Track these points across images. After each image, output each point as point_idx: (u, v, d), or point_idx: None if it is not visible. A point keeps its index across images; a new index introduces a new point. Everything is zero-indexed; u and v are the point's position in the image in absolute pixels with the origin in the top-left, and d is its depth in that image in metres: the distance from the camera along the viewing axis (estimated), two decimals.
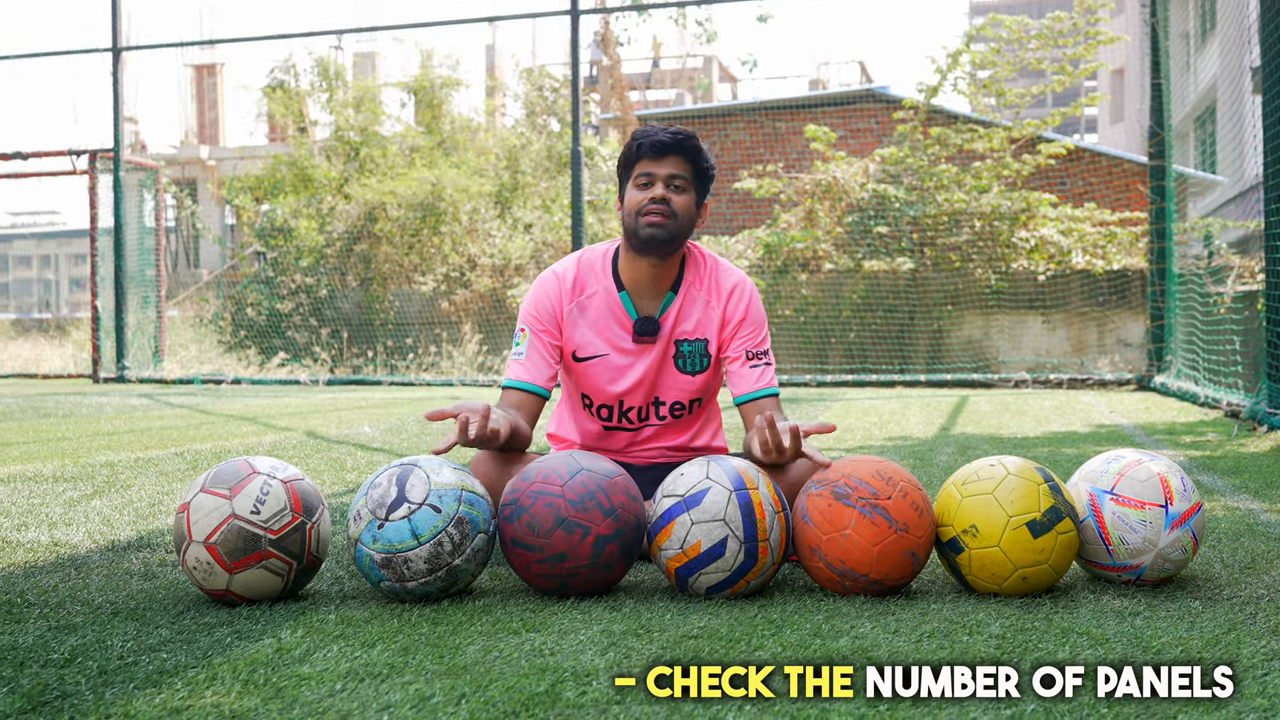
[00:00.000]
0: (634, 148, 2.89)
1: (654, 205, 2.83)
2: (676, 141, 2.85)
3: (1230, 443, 5.58)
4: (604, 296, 2.96)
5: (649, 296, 2.94)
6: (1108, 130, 32.88)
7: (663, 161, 2.85)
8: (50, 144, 19.18)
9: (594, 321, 2.95)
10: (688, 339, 2.94)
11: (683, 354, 2.94)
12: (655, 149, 2.85)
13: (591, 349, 2.95)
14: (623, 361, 2.94)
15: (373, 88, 19.64)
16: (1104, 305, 12.71)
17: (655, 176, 2.86)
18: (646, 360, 2.93)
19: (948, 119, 14.21)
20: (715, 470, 2.37)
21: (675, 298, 2.95)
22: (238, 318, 16.23)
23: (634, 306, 2.94)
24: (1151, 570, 2.39)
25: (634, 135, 2.93)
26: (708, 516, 2.31)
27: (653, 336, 2.92)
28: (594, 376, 2.95)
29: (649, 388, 2.95)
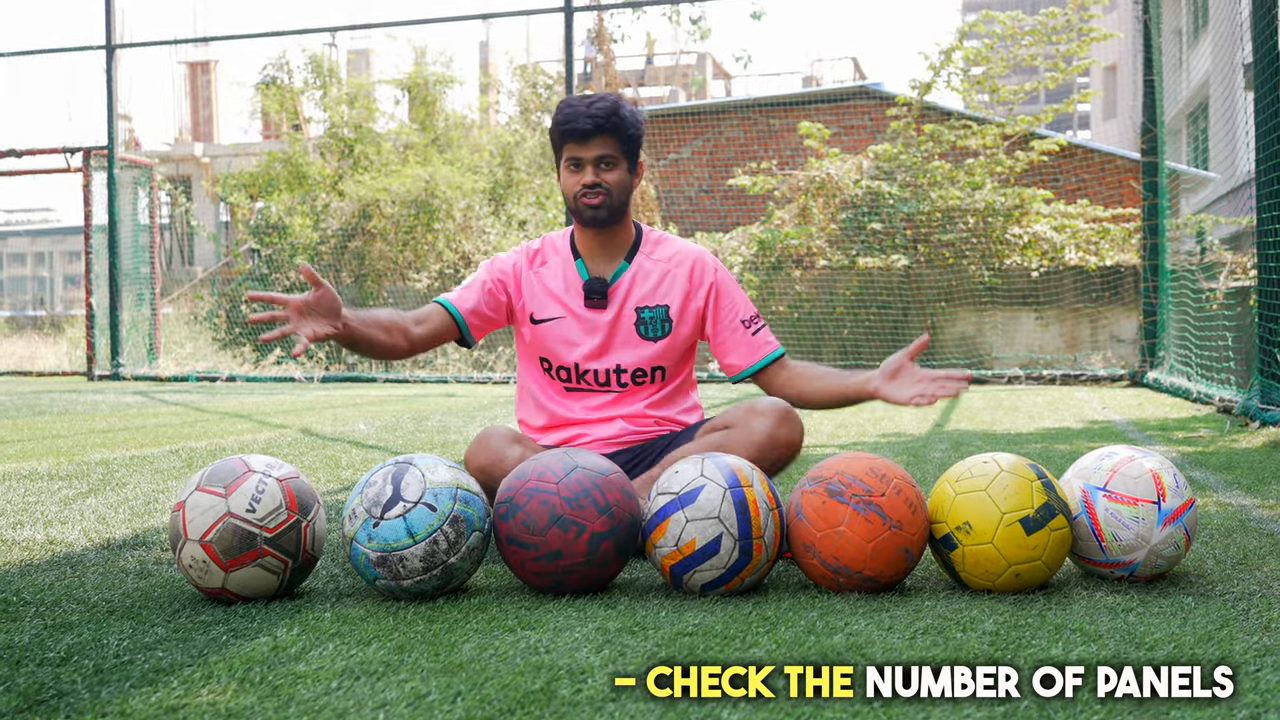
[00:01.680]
0: (557, 133, 2.93)
1: (588, 190, 2.91)
2: (598, 124, 2.87)
3: (1222, 438, 5.59)
4: (560, 263, 3.05)
5: (602, 261, 3.03)
6: (1100, 126, 32.90)
7: (589, 144, 2.90)
8: (44, 141, 19.16)
9: (550, 286, 3.03)
10: (648, 306, 3.01)
11: (644, 320, 3.01)
12: (580, 135, 2.89)
13: (547, 311, 3.02)
14: (577, 325, 3.00)
15: (367, 85, 19.62)
16: (1097, 301, 12.73)
17: (584, 160, 2.91)
18: (602, 324, 2.99)
19: (941, 115, 14.23)
20: (710, 468, 2.37)
21: (629, 266, 3.03)
22: (232, 315, 16.21)
23: (586, 270, 3.03)
24: (1144, 567, 2.40)
25: (555, 115, 2.95)
26: (702, 514, 2.31)
27: (602, 298, 2.99)
28: (552, 339, 3.02)
29: (607, 352, 3.00)
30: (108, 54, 14.18)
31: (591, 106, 2.90)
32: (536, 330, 3.03)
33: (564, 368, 3.02)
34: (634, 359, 3.00)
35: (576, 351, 3.00)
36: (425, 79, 19.39)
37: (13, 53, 15.83)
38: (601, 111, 2.89)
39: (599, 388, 3.01)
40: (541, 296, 3.03)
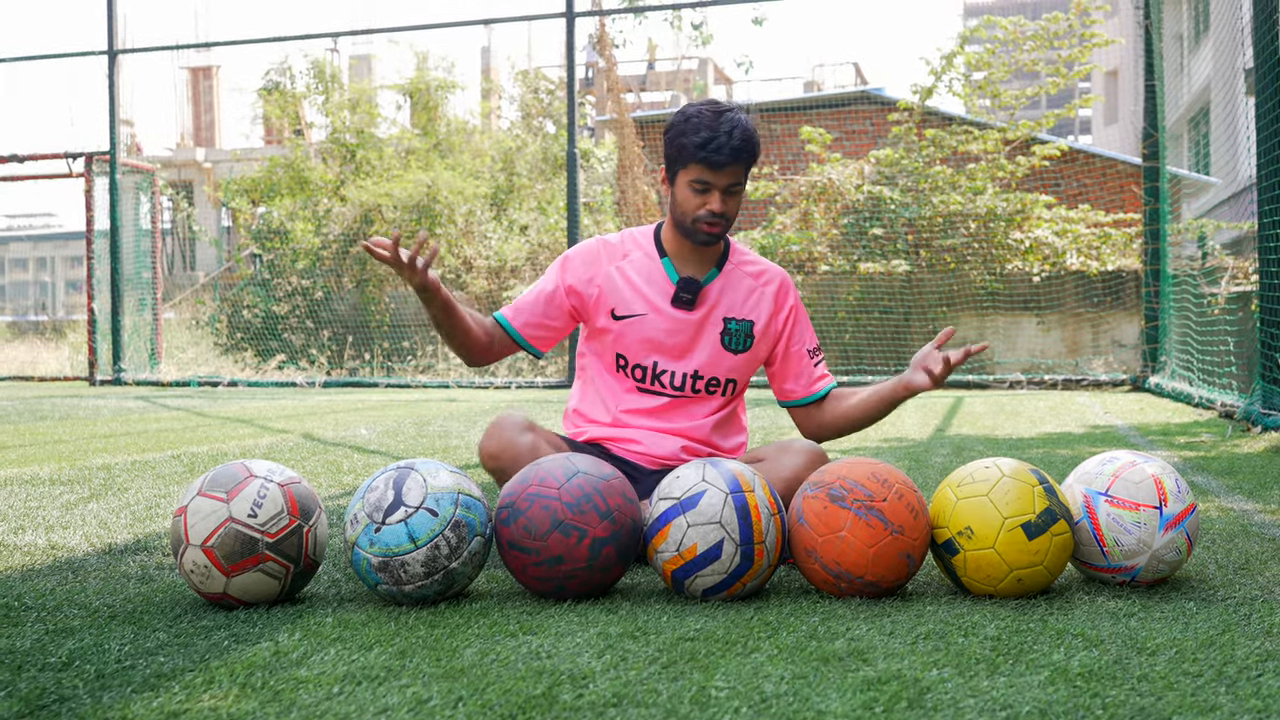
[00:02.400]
0: (690, 152, 2.76)
1: (714, 218, 2.80)
2: (736, 155, 2.75)
3: (1224, 443, 5.59)
4: (646, 261, 2.95)
5: (693, 265, 2.93)
6: (1102, 132, 32.92)
7: (723, 172, 2.77)
8: (46, 146, 19.24)
9: (634, 283, 2.93)
10: (735, 318, 2.93)
11: (730, 331, 2.92)
12: (716, 165, 2.75)
13: (629, 308, 2.92)
14: (660, 323, 2.90)
15: (368, 90, 19.64)
16: (1098, 306, 12.73)
17: (713, 186, 2.78)
18: (686, 327, 2.90)
19: (942, 120, 14.24)
20: (711, 473, 2.37)
21: (719, 273, 2.94)
22: (234, 320, 16.22)
23: (675, 271, 2.93)
24: (1146, 571, 2.39)
25: (693, 128, 2.76)
26: (704, 519, 2.31)
27: (692, 300, 2.89)
28: (631, 336, 2.92)
29: (690, 356, 2.91)
30: (110, 59, 14.21)
31: (733, 133, 2.74)
32: (615, 326, 2.93)
33: (640, 366, 2.93)
34: (713, 367, 2.92)
35: (656, 353, 2.92)
36: (427, 84, 19.40)
37: (15, 58, 15.87)
38: (742, 140, 2.76)
39: (673, 391, 2.93)
40: (624, 292, 2.93)
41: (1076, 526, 2.41)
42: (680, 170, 2.80)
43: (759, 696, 1.73)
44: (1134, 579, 2.40)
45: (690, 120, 2.77)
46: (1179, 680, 1.78)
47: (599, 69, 21.56)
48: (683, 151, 2.77)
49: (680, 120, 2.80)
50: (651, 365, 2.92)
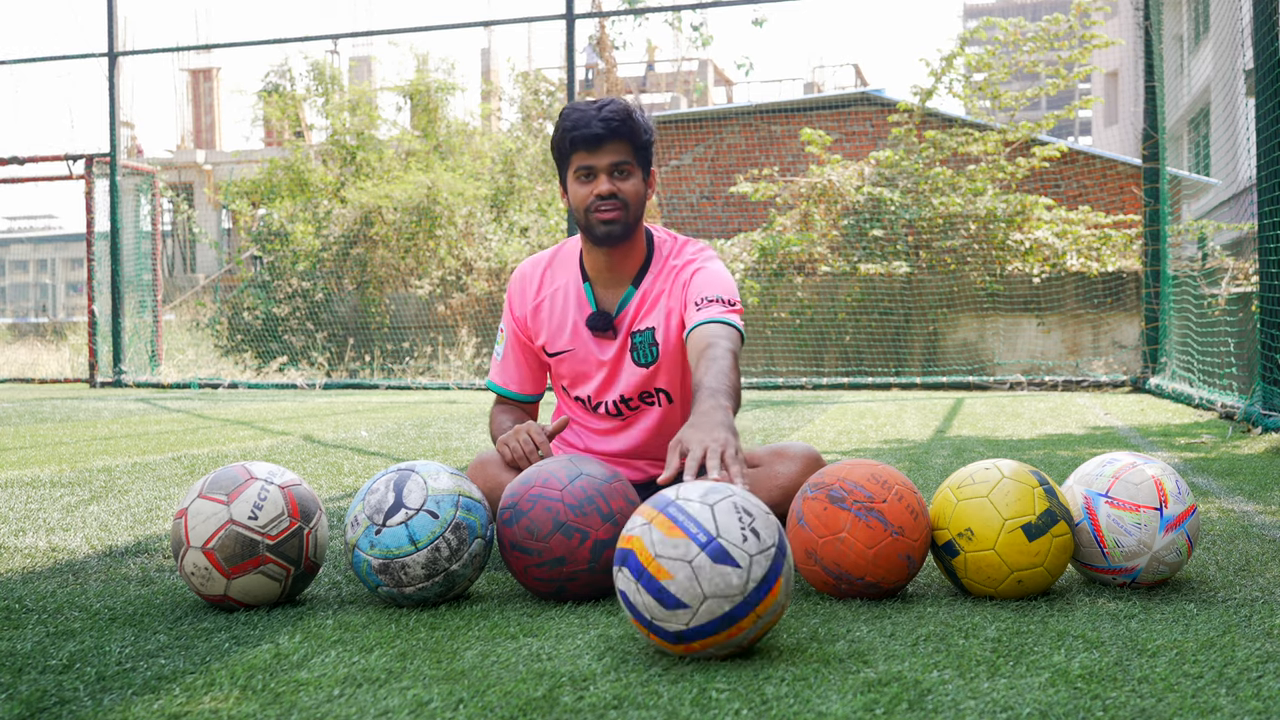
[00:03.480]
0: (565, 141, 2.70)
1: (602, 203, 2.69)
2: (611, 129, 2.66)
3: (1225, 444, 5.59)
4: (570, 287, 2.87)
5: (611, 285, 2.83)
6: (1102, 133, 32.92)
7: (600, 151, 2.67)
8: (47, 148, 19.21)
9: (560, 315, 2.87)
10: (638, 330, 2.83)
11: (635, 345, 2.83)
12: (590, 140, 2.66)
13: (558, 344, 2.88)
14: (589, 356, 2.86)
15: (368, 92, 19.65)
16: (1099, 307, 12.73)
17: (596, 168, 2.69)
18: (609, 356, 2.85)
19: (943, 122, 14.25)
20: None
21: (636, 292, 2.82)
22: (234, 322, 16.22)
23: (595, 297, 2.84)
24: (1146, 573, 2.39)
25: (562, 121, 2.71)
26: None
27: (605, 332, 2.83)
28: (566, 370, 2.91)
29: (615, 383, 2.87)
30: (110, 61, 14.22)
31: (602, 110, 2.67)
32: (552, 361, 2.92)
33: (579, 398, 2.93)
34: (635, 387, 2.86)
35: (589, 385, 2.89)
36: (427, 86, 19.41)
37: (15, 60, 15.87)
38: (614, 115, 2.67)
39: (613, 416, 2.91)
40: (552, 326, 2.88)
41: (1077, 528, 2.41)
42: (566, 169, 2.73)
43: (759, 698, 1.73)
44: (1134, 580, 2.40)
45: (561, 116, 2.73)
46: (1179, 682, 1.78)
47: (599, 71, 21.57)
48: (560, 146, 2.72)
49: (557, 121, 2.75)
50: (587, 397, 2.91)
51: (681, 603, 1.87)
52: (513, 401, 2.99)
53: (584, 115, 2.67)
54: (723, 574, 1.87)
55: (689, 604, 1.86)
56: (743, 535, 1.91)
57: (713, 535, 1.89)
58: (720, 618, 1.87)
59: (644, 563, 1.90)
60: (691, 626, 1.87)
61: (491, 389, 3.00)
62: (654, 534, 1.92)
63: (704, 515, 1.91)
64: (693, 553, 1.88)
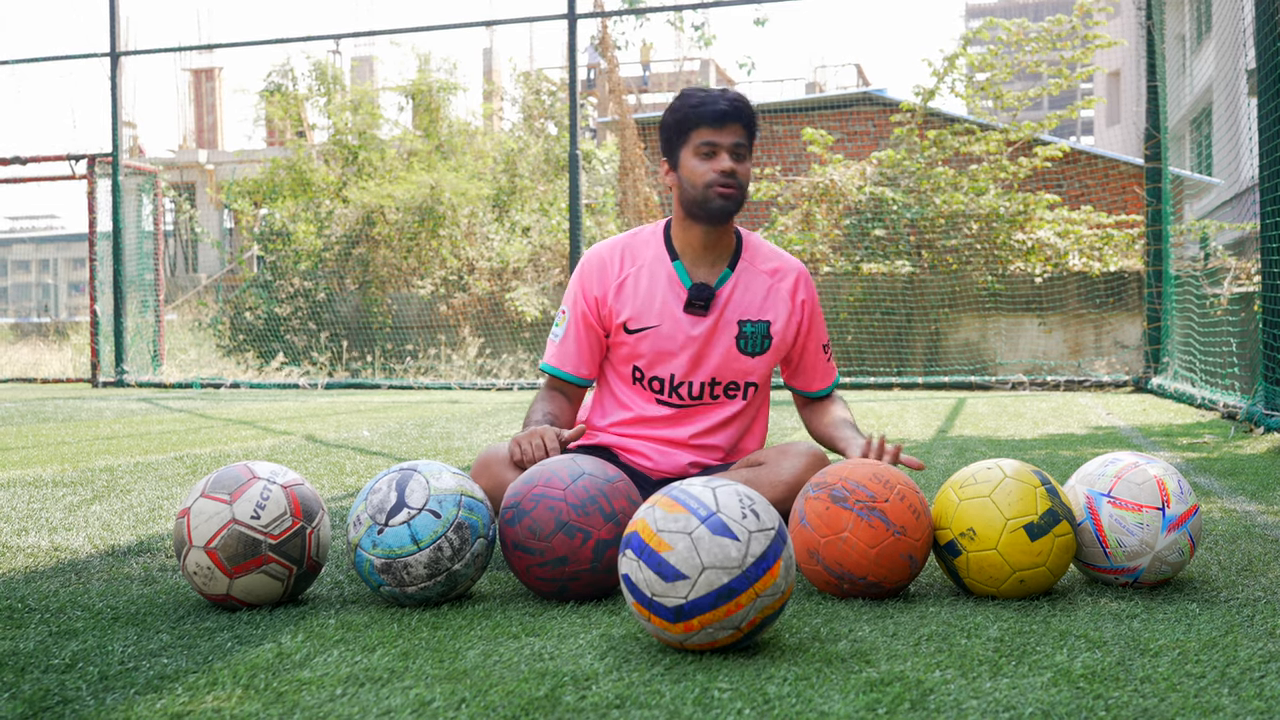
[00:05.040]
0: (691, 115, 2.76)
1: (725, 178, 2.75)
2: (736, 109, 2.75)
3: (1227, 444, 5.59)
4: (657, 265, 2.88)
5: (704, 264, 2.87)
6: (1104, 133, 32.92)
7: (724, 130, 2.75)
8: (49, 148, 19.21)
9: (646, 292, 2.87)
10: (750, 320, 2.87)
11: (745, 335, 2.86)
12: (717, 118, 2.74)
13: (642, 320, 2.86)
14: (676, 333, 2.85)
15: (370, 91, 19.65)
16: (1101, 307, 12.72)
17: (719, 146, 2.75)
18: (700, 332, 2.85)
19: (945, 121, 14.24)
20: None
21: (732, 274, 2.87)
22: (236, 321, 16.23)
23: (688, 275, 2.86)
24: (1149, 573, 2.39)
25: (686, 99, 2.79)
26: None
27: (705, 306, 2.84)
28: (645, 348, 2.87)
29: (705, 363, 2.86)
30: (112, 61, 14.22)
31: (726, 93, 2.78)
32: (630, 339, 2.88)
33: (658, 378, 2.89)
34: (729, 372, 2.87)
35: (673, 363, 2.86)
36: (429, 86, 19.42)
37: (17, 60, 15.87)
38: (738, 98, 2.77)
39: (691, 400, 2.89)
40: (636, 303, 2.87)
41: (1079, 528, 2.41)
42: (682, 145, 2.79)
43: (762, 698, 1.73)
44: (1136, 580, 2.40)
45: (684, 95, 2.80)
46: (1182, 681, 1.78)
47: (601, 70, 21.56)
48: (683, 121, 2.77)
49: (675, 101, 2.82)
50: (669, 377, 2.87)
51: (681, 574, 1.91)
52: (564, 384, 2.96)
53: (709, 94, 2.77)
54: (721, 545, 1.92)
55: (688, 574, 1.90)
56: (742, 513, 1.96)
57: (713, 510, 1.95)
58: (719, 590, 1.90)
59: (645, 539, 1.96)
60: (690, 600, 1.90)
61: (546, 370, 2.97)
62: (656, 512, 1.99)
63: (705, 495, 1.99)
64: (693, 525, 1.93)
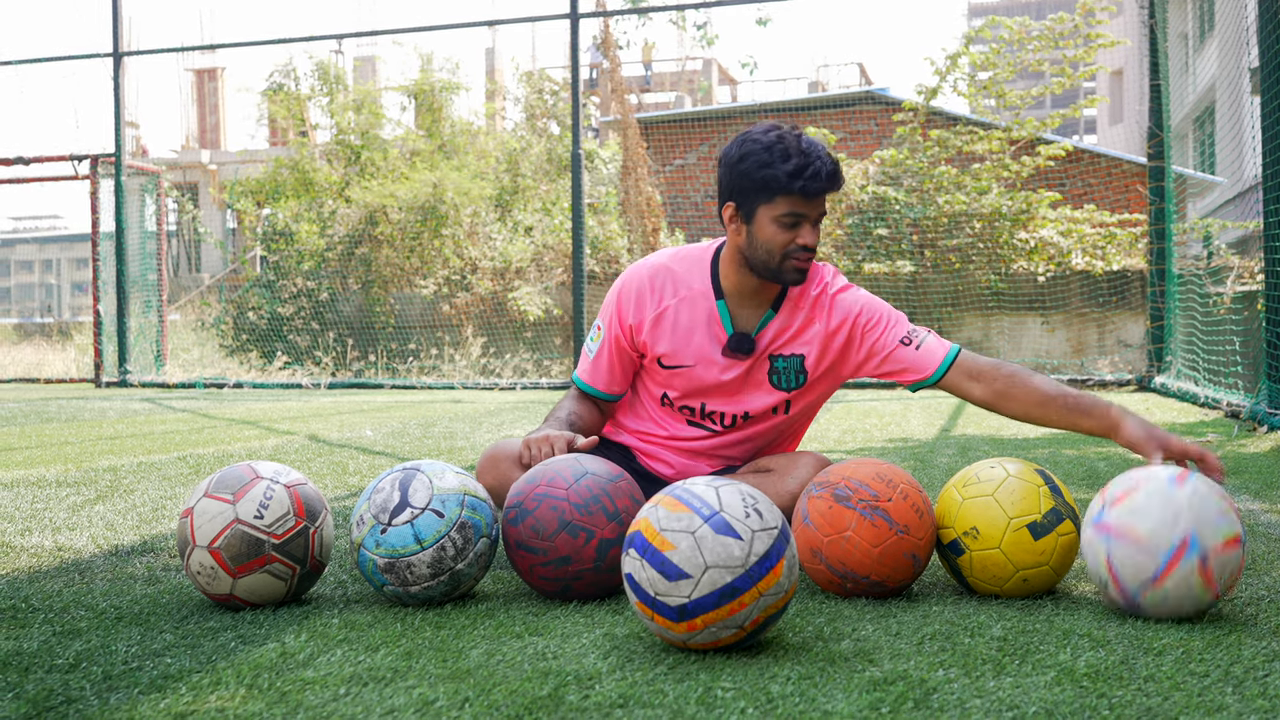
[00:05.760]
0: (785, 183, 2.52)
1: (805, 253, 2.58)
2: (834, 181, 2.55)
3: (1230, 443, 5.58)
4: (700, 301, 2.74)
5: (749, 307, 2.72)
6: (1107, 131, 32.90)
7: (817, 201, 2.56)
8: (52, 148, 19.20)
9: (686, 329, 2.74)
10: (783, 354, 2.73)
11: (777, 370, 2.74)
12: (814, 193, 2.53)
13: (677, 359, 2.76)
14: (709, 374, 2.75)
15: (373, 91, 19.65)
16: (1104, 306, 12.72)
17: (806, 218, 2.57)
18: (735, 376, 2.75)
19: (947, 121, 14.23)
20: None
21: (775, 315, 2.72)
22: (239, 321, 16.24)
23: (730, 318, 2.72)
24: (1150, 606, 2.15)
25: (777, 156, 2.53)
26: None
27: (746, 353, 2.72)
28: (679, 384, 2.80)
29: (739, 401, 2.78)
30: (115, 61, 14.23)
31: (825, 158, 2.53)
32: (663, 372, 2.80)
33: (688, 406, 2.82)
34: (762, 403, 2.77)
35: (705, 396, 2.79)
36: (431, 85, 19.42)
37: (20, 60, 15.88)
38: (834, 164, 2.55)
39: (723, 428, 2.82)
40: (673, 339, 2.74)
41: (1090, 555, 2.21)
42: (763, 204, 2.56)
43: (765, 697, 1.73)
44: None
45: (773, 149, 2.54)
46: (1186, 680, 1.78)
47: (603, 70, 21.56)
48: (770, 184, 2.53)
49: (757, 150, 2.55)
50: (699, 406, 2.81)
51: (684, 573, 1.91)
52: (595, 399, 2.91)
53: (809, 163, 2.52)
54: (724, 544, 1.92)
55: (691, 574, 1.90)
56: (745, 512, 1.97)
57: (716, 509, 1.96)
58: (722, 589, 1.90)
59: (649, 538, 1.96)
60: (694, 599, 1.90)
61: (577, 384, 2.91)
62: (660, 512, 1.99)
63: (708, 494, 1.99)
64: (696, 524, 1.94)
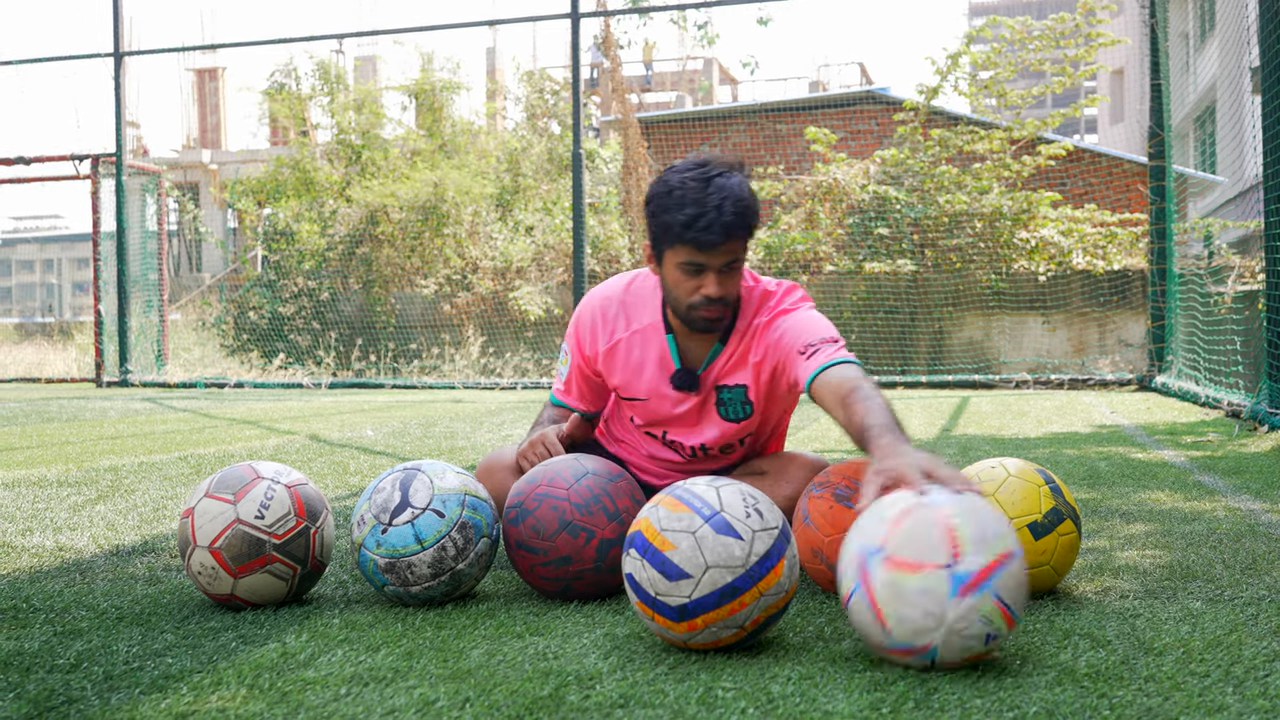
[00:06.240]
0: (677, 232, 2.42)
1: (710, 304, 2.49)
2: (730, 232, 2.41)
3: (1231, 443, 5.58)
4: (651, 334, 2.69)
5: (698, 341, 2.65)
6: (1108, 131, 32.89)
7: (717, 252, 2.43)
8: (53, 148, 19.20)
9: (636, 364, 2.70)
10: (727, 385, 2.67)
11: (723, 401, 2.69)
12: (708, 246, 2.41)
13: (631, 390, 2.74)
14: (662, 408, 2.73)
15: (374, 91, 19.65)
16: (1104, 306, 12.71)
17: (707, 268, 2.45)
18: (687, 410, 2.71)
19: (948, 120, 14.22)
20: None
21: (723, 349, 2.64)
22: (240, 321, 16.23)
23: (679, 353, 2.66)
24: (947, 651, 1.82)
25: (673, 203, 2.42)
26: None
27: (692, 389, 2.67)
28: (638, 413, 2.79)
29: (696, 431, 2.74)
30: (116, 61, 14.23)
31: (723, 206, 2.39)
32: (623, 402, 2.80)
33: (651, 434, 2.81)
34: (720, 438, 2.73)
35: (665, 425, 2.76)
36: (432, 85, 19.41)
37: (21, 60, 15.88)
38: (735, 214, 2.40)
39: (687, 457, 2.80)
40: (627, 373, 2.72)
41: (853, 599, 1.89)
42: (667, 249, 2.48)
43: (766, 697, 1.73)
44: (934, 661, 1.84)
45: (674, 193, 2.43)
46: (1186, 681, 1.78)
47: (604, 70, 21.55)
48: (668, 230, 2.44)
49: (662, 192, 2.46)
50: (661, 434, 2.80)
51: (685, 573, 1.91)
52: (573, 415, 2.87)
53: (703, 214, 2.39)
54: (725, 544, 1.92)
55: (692, 574, 1.91)
56: (746, 512, 1.97)
57: (716, 509, 1.96)
58: (723, 588, 1.90)
59: (649, 538, 1.96)
60: (694, 599, 1.90)
61: (555, 403, 2.89)
62: (660, 512, 1.99)
63: (709, 494, 1.99)
64: (696, 524, 1.94)
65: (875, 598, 1.83)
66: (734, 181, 2.45)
